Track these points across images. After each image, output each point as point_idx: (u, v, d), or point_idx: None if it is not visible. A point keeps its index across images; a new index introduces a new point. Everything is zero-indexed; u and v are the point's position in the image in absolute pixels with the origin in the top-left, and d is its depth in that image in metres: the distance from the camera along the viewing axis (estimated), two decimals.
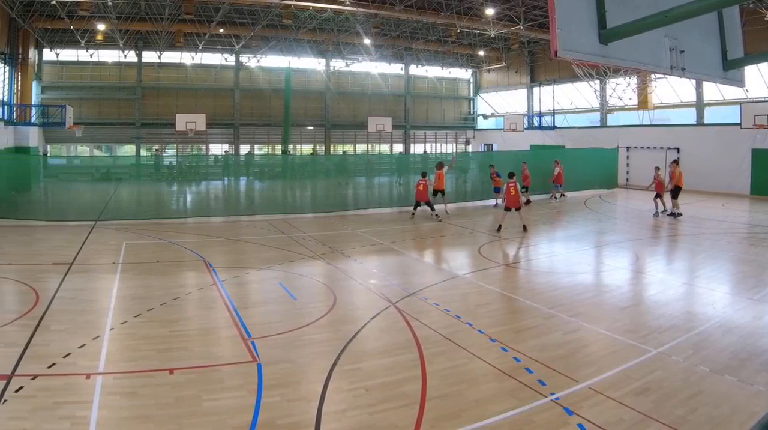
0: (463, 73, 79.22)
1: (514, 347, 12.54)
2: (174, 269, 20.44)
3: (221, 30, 57.01)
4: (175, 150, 66.73)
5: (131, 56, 62.76)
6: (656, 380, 10.89)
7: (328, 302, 16.22)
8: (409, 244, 25.70)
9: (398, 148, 76.21)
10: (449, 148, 78.74)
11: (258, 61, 67.02)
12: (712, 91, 47.83)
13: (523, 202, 31.22)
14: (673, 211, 31.44)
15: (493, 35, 55.97)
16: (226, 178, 49.04)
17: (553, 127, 62.60)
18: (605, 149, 48.71)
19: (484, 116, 78.04)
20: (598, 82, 55.85)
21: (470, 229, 29.62)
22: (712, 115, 48.97)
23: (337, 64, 70.58)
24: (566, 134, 60.45)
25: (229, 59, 66.43)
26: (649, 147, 50.89)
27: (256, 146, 69.89)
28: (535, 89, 69.38)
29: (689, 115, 50.49)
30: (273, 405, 9.81)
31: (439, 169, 32.95)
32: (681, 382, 10.80)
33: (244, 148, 68.23)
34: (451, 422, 9.32)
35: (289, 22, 50.91)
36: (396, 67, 74.66)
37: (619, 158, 50.29)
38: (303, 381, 10.98)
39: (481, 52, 68.59)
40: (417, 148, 76.88)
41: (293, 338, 13.22)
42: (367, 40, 59.25)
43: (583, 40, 7.59)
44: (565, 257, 23.33)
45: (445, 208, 33.65)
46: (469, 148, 78.36)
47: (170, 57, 64.28)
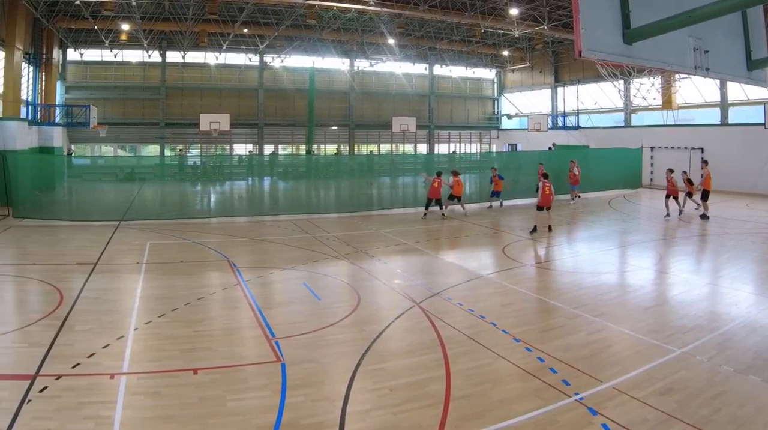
0: (487, 73, 79.00)
1: (539, 347, 12.51)
2: (198, 269, 20.51)
3: (245, 30, 57.17)
4: (199, 150, 66.99)
5: (155, 56, 63.07)
6: (680, 380, 10.86)
7: (352, 302, 16.22)
8: (433, 244, 25.65)
9: (422, 149, 76.12)
10: (473, 148, 78.61)
11: (282, 61, 67.13)
12: (737, 91, 47.51)
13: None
14: (705, 212, 31.04)
15: (517, 35, 55.87)
16: (250, 179, 49.26)
17: (577, 128, 62.34)
18: (629, 149, 48.32)
19: (508, 116, 77.86)
20: (622, 82, 55.74)
21: (494, 229, 29.53)
22: (736, 115, 48.59)
23: (361, 64, 70.51)
24: (590, 134, 60.11)
25: (253, 59, 66.56)
26: (673, 147, 50.52)
27: (280, 146, 69.90)
28: (559, 89, 69.19)
29: (713, 115, 50.13)
30: (297, 405, 9.82)
31: (456, 175, 32.94)
32: (705, 382, 10.77)
33: (268, 148, 68.41)
34: (475, 422, 9.33)
35: (313, 22, 50.95)
36: (420, 67, 74.63)
37: (644, 158, 49.89)
38: (327, 381, 10.96)
39: (506, 52, 68.40)
40: (441, 148, 76.73)
41: (317, 338, 13.23)
42: (391, 40, 59.21)
43: (608, 40, 7.58)
44: (589, 256, 23.21)
45: (463, 209, 33.64)
46: (494, 148, 78.18)
47: (194, 57, 64.56)
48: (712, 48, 8.53)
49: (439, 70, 75.73)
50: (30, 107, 46.21)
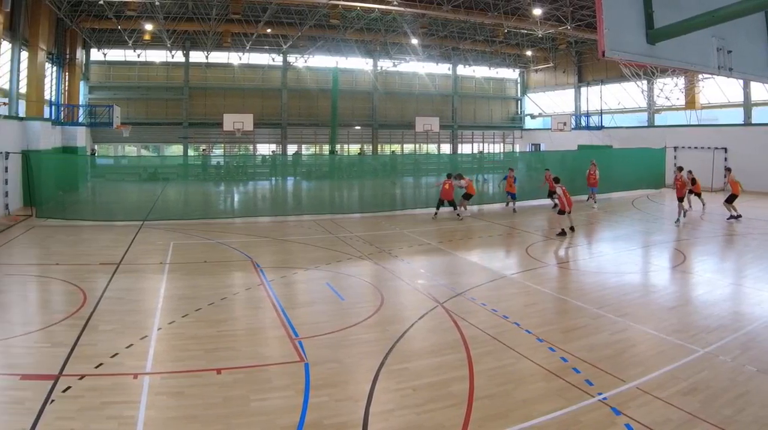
0: (511, 73, 78.82)
1: (562, 347, 12.46)
2: (221, 269, 20.55)
3: (268, 30, 57.39)
4: (222, 150, 67.26)
5: (178, 56, 63.45)
6: (703, 379, 10.81)
7: (376, 302, 16.19)
8: (456, 244, 25.57)
9: (446, 148, 76.11)
10: (497, 148, 78.49)
11: (305, 61, 67.33)
12: (760, 91, 47.22)
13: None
14: (732, 214, 30.72)
15: (540, 35, 55.66)
16: (273, 179, 49.39)
17: (601, 127, 62.00)
18: (653, 149, 48.06)
19: (532, 116, 77.59)
20: (645, 82, 55.54)
21: (517, 229, 29.42)
22: (759, 115, 48.36)
23: (385, 64, 70.60)
24: (614, 134, 59.79)
25: (277, 59, 66.78)
26: (696, 147, 50.20)
27: (304, 146, 70.09)
28: (583, 89, 68.94)
29: (737, 115, 49.94)
30: (320, 405, 9.80)
31: (460, 178, 33.01)
32: (728, 382, 10.70)
33: (292, 148, 68.56)
34: (499, 422, 9.30)
35: (337, 22, 51.11)
36: (443, 67, 74.50)
37: (667, 158, 49.70)
38: (350, 381, 10.97)
39: (529, 52, 68.15)
40: (464, 148, 76.66)
41: (341, 338, 13.21)
42: (414, 40, 59.24)
43: (631, 40, 7.53)
44: (613, 257, 23.11)
45: (465, 209, 33.63)
46: (517, 148, 78.09)
47: (217, 57, 64.87)
48: (735, 48, 8.47)
49: (463, 70, 75.59)
50: (53, 107, 46.37)
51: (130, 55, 61.76)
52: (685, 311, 15.45)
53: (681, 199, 30.87)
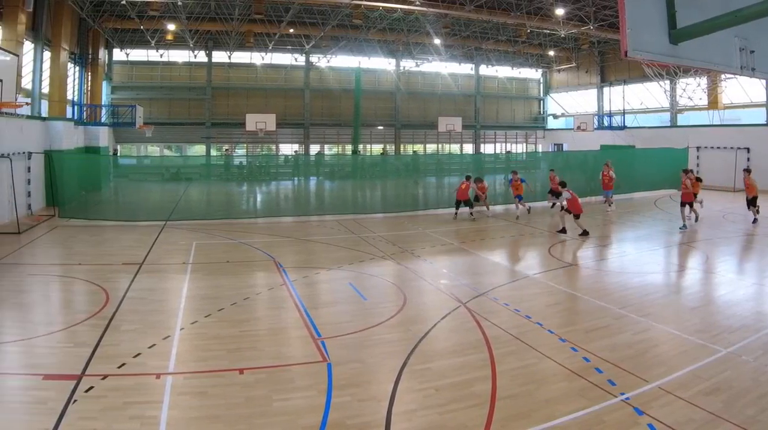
0: (533, 73, 78.61)
1: (584, 347, 12.46)
2: (244, 269, 20.57)
3: (291, 30, 57.42)
4: (245, 150, 67.49)
5: (201, 56, 63.91)
6: (726, 379, 10.81)
7: (398, 302, 16.17)
8: (478, 244, 25.48)
9: (468, 148, 76.01)
10: (519, 148, 78.29)
11: (328, 61, 67.45)
12: None
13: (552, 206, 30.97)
14: (756, 216, 30.34)
15: (563, 35, 55.60)
16: (296, 179, 49.42)
17: (623, 127, 61.80)
18: (675, 149, 47.74)
19: (555, 116, 77.36)
20: (668, 82, 55.26)
21: (540, 229, 29.31)
22: None
23: (407, 64, 70.64)
24: (636, 134, 59.55)
25: (299, 59, 66.95)
26: (719, 147, 50.07)
27: (326, 146, 70.26)
28: (605, 89, 68.77)
29: (759, 115, 49.71)
30: (343, 405, 9.81)
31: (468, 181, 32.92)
32: (751, 382, 10.74)
33: (314, 148, 68.73)
34: (521, 422, 9.30)
35: (359, 22, 51.04)
36: (466, 67, 74.44)
37: (689, 158, 49.46)
38: (373, 381, 10.97)
39: (551, 52, 68.06)
40: (487, 148, 76.57)
41: (363, 338, 13.22)
42: (437, 40, 59.09)
43: (653, 40, 7.53)
44: (635, 257, 23.00)
45: (471, 214, 33.39)
46: (539, 148, 77.91)
47: (240, 57, 65.17)
48: (758, 48, 8.44)
49: (485, 70, 75.47)
50: (76, 107, 46.73)
51: (152, 55, 62.23)
52: (708, 311, 15.45)
53: (683, 205, 28.87)
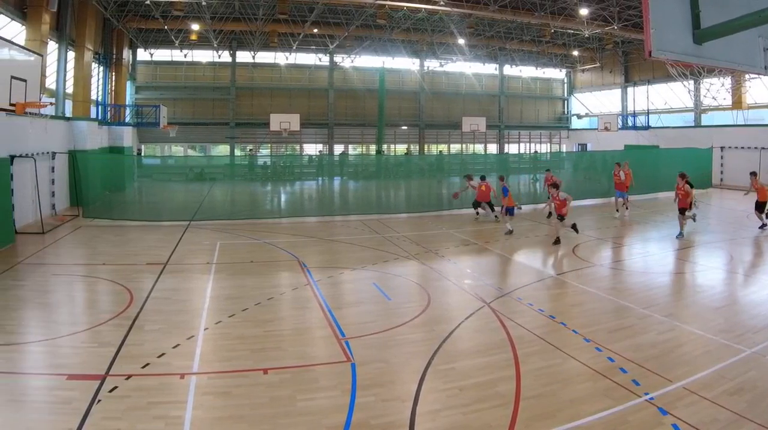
0: (557, 73, 78.32)
1: (609, 347, 12.47)
2: (268, 269, 20.63)
3: (315, 30, 57.49)
4: (269, 150, 67.75)
5: (225, 56, 64.03)
6: (750, 379, 10.82)
7: (422, 302, 16.16)
8: (503, 244, 25.36)
9: (492, 148, 75.85)
10: (543, 148, 78.15)
11: (352, 61, 67.52)
12: None
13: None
14: (765, 222, 29.87)
15: (587, 35, 55.41)
16: (320, 179, 49.66)
17: (647, 127, 61.60)
18: (699, 149, 47.77)
19: (579, 116, 77.20)
20: (692, 82, 55.21)
21: (564, 229, 29.26)
22: None
23: (431, 64, 70.50)
24: (660, 134, 59.34)
25: (324, 59, 67.03)
26: (743, 147, 49.74)
27: (350, 146, 70.42)
28: (629, 89, 68.43)
29: None
30: (367, 405, 9.83)
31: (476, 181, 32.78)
32: None
33: (338, 148, 68.87)
34: (546, 422, 9.32)
35: (383, 22, 50.95)
36: (490, 67, 74.33)
37: (714, 158, 49.37)
38: (397, 381, 10.96)
39: (575, 52, 67.67)
40: (511, 148, 76.49)
41: (387, 338, 13.20)
42: (461, 40, 58.94)
43: (677, 40, 7.57)
44: (660, 256, 23.01)
45: (477, 214, 33.15)
46: (564, 148, 77.75)
47: (264, 57, 65.31)
48: None
49: (509, 70, 75.40)
50: (100, 107, 47.01)
51: (176, 55, 62.57)
52: (732, 311, 15.41)
53: (682, 212, 27.38)
